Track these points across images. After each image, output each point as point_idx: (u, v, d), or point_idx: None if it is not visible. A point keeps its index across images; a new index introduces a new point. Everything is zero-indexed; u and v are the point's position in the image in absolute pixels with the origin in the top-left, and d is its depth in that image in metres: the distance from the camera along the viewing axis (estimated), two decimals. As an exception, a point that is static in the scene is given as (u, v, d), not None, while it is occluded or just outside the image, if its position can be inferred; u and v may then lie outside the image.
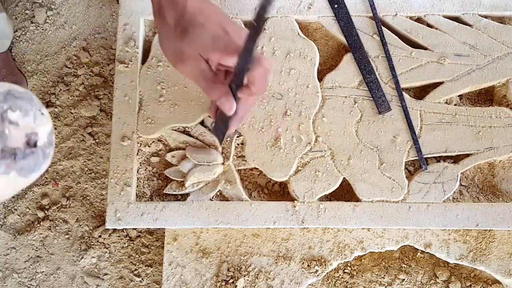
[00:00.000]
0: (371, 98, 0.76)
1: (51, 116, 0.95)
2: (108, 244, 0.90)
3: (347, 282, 0.82)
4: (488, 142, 0.74)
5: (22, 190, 0.93)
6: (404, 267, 0.82)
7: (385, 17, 0.77)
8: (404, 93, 0.76)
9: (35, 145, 0.45)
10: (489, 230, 0.75)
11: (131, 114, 0.77)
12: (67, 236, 0.91)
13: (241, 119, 0.67)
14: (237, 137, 0.77)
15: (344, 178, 0.75)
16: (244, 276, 0.77)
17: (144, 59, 0.79)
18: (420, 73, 0.76)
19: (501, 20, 0.78)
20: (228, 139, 0.76)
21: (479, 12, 0.77)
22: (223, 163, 0.77)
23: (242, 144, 0.77)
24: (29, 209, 0.92)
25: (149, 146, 0.79)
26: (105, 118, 0.94)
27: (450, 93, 0.75)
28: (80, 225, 0.91)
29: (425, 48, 0.76)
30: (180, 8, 0.59)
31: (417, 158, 0.74)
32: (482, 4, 0.77)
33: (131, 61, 0.78)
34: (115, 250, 0.90)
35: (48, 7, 0.99)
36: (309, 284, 0.78)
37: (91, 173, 0.93)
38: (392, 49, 0.76)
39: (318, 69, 0.78)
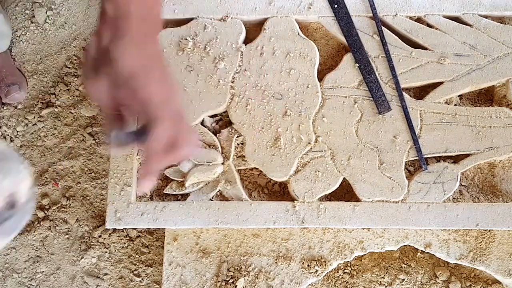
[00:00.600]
0: (371, 98, 0.76)
1: (51, 116, 0.95)
2: (108, 244, 0.90)
3: (347, 282, 0.82)
4: (488, 142, 0.74)
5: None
6: (404, 267, 0.82)
7: (385, 17, 0.77)
8: (404, 93, 0.75)
9: (14, 206, 0.43)
10: (489, 230, 0.75)
11: (131, 114, 0.77)
12: (67, 236, 0.91)
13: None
14: (237, 137, 0.77)
15: (344, 178, 0.75)
16: (244, 276, 0.77)
17: (144, 59, 0.79)
18: (420, 73, 0.76)
19: (501, 20, 0.78)
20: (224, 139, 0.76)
21: (479, 12, 0.77)
22: (223, 163, 0.77)
23: (242, 144, 0.77)
24: (29, 209, 0.92)
25: (149, 146, 0.79)
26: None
27: (450, 93, 0.75)
28: (80, 225, 0.91)
29: (425, 48, 0.76)
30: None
31: (417, 158, 0.74)
32: (482, 4, 0.77)
33: (131, 61, 0.78)
34: (115, 250, 0.90)
35: (48, 7, 0.99)
36: (309, 284, 0.78)
37: (91, 173, 0.93)
38: (392, 49, 0.76)
39: (318, 69, 0.78)
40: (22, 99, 0.96)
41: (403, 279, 0.82)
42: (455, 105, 0.77)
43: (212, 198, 0.77)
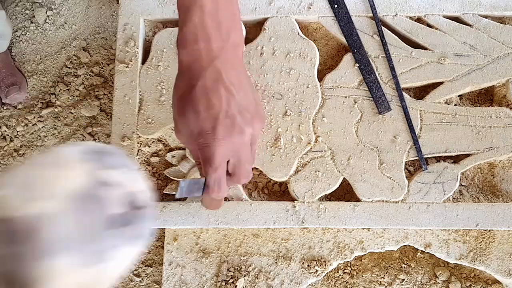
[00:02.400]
0: (371, 98, 0.76)
1: (51, 116, 0.95)
2: (108, 244, 0.90)
3: (347, 282, 0.82)
4: (488, 142, 0.74)
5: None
6: (404, 267, 0.82)
7: (385, 17, 0.77)
8: (404, 93, 0.76)
9: (138, 208, 0.38)
10: (489, 230, 0.75)
11: (131, 114, 0.77)
12: (67, 236, 0.91)
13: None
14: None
15: (344, 178, 0.75)
16: (244, 276, 0.77)
17: (144, 59, 0.79)
18: (420, 73, 0.76)
19: (501, 20, 0.78)
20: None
21: (479, 12, 0.77)
22: (223, 163, 0.76)
23: (242, 144, 0.77)
24: (29, 209, 0.92)
25: (149, 146, 0.79)
26: (105, 118, 0.94)
27: (450, 93, 0.76)
28: (80, 225, 0.91)
29: (425, 48, 0.76)
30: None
31: (417, 158, 0.74)
32: (482, 4, 0.77)
33: (131, 61, 0.78)
34: (115, 250, 0.90)
35: (48, 7, 0.99)
36: (309, 284, 0.78)
37: (91, 173, 0.93)
38: (392, 49, 0.76)
39: (318, 69, 0.78)
40: (22, 99, 0.96)
41: (403, 279, 0.82)
42: (455, 105, 0.77)
43: (212, 198, 0.77)
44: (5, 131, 0.95)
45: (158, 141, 0.79)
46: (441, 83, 0.76)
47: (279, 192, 0.78)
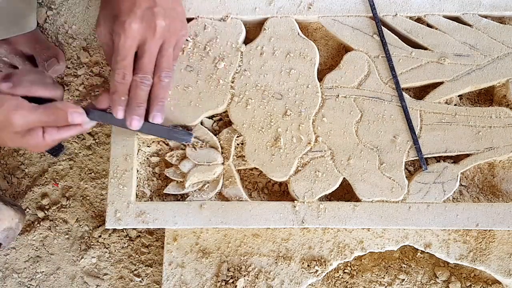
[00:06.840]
0: (371, 98, 0.76)
1: (51, 116, 0.95)
2: (108, 244, 0.90)
3: (347, 282, 0.82)
4: (488, 142, 0.74)
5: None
6: (404, 267, 0.82)
7: (385, 17, 0.77)
8: (404, 93, 0.76)
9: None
10: (489, 230, 0.76)
11: (131, 114, 0.77)
12: (67, 236, 0.91)
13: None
14: (237, 137, 0.77)
15: (344, 178, 0.75)
16: (244, 276, 0.77)
17: (144, 59, 0.79)
18: (420, 73, 0.76)
19: (501, 20, 0.78)
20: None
21: (479, 12, 0.77)
22: (223, 163, 0.77)
23: (242, 144, 0.77)
24: (29, 209, 0.92)
25: (149, 146, 0.79)
26: (105, 118, 0.94)
27: (450, 93, 0.76)
28: (80, 225, 0.91)
29: (425, 48, 0.76)
30: None
31: (417, 158, 0.74)
32: (482, 4, 0.77)
33: (131, 61, 0.78)
34: (115, 250, 0.90)
35: (48, 7, 0.99)
36: (309, 284, 0.78)
37: (91, 173, 0.93)
38: (392, 49, 0.76)
39: (318, 69, 0.78)
40: (62, 70, 0.95)
41: (403, 279, 0.82)
42: (455, 105, 0.77)
43: (212, 198, 0.77)
44: (5, 131, 0.95)
45: (158, 141, 0.79)
46: (441, 83, 0.76)
47: (279, 192, 0.78)
